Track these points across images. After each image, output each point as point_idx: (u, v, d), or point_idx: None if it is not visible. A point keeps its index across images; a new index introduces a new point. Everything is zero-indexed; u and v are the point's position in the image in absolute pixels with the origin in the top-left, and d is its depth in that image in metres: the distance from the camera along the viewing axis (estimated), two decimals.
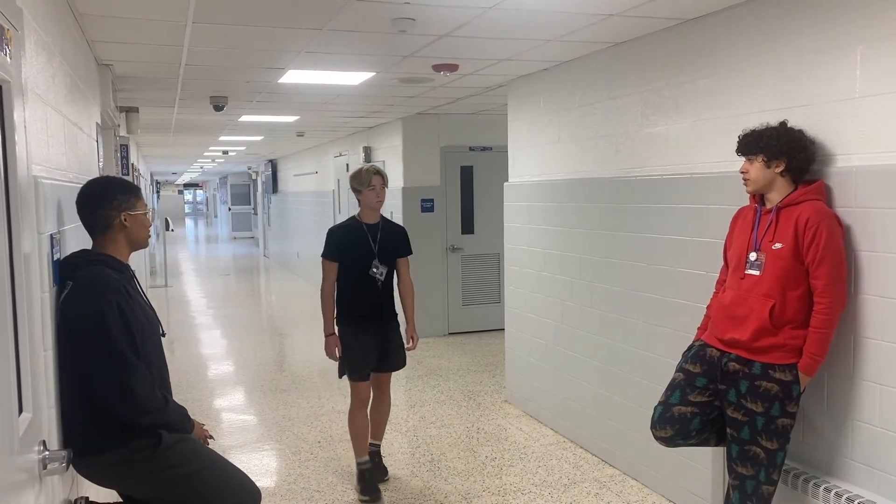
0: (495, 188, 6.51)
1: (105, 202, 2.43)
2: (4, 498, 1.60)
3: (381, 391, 4.32)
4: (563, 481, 4.32)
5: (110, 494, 2.59)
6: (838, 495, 2.82)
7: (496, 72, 5.29)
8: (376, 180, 4.11)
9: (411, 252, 4.32)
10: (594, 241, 4.64)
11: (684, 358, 3.14)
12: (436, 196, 8.35)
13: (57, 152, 2.70)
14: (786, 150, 2.87)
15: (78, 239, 2.66)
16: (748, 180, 2.97)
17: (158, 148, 12.71)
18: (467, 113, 8.00)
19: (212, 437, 2.71)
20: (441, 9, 3.53)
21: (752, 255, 2.94)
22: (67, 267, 2.39)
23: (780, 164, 2.88)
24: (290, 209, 15.66)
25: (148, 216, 2.58)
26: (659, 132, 4.01)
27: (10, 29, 1.83)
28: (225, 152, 14.44)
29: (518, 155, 5.70)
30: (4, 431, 1.62)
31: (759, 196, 3.00)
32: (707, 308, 3.23)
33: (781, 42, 3.17)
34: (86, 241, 2.54)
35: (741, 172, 3.01)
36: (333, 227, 4.30)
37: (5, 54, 1.78)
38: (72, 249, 2.53)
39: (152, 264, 15.36)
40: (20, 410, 1.85)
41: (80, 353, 2.28)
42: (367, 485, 4.12)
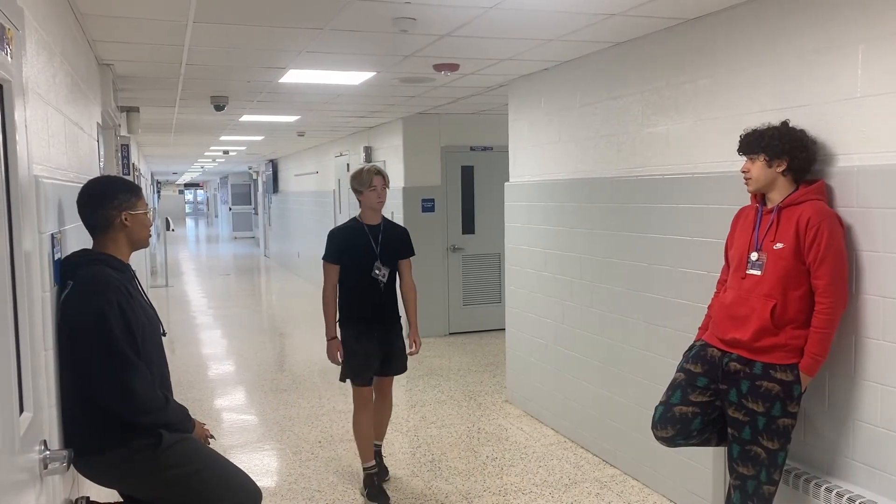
0: (496, 188, 6.50)
1: (106, 201, 2.43)
2: (5, 497, 1.60)
3: (383, 394, 4.28)
4: (563, 481, 4.32)
5: (111, 494, 2.59)
6: (839, 495, 2.82)
7: (497, 71, 5.29)
8: (377, 181, 4.04)
9: (413, 253, 4.26)
10: (595, 240, 4.64)
11: (685, 358, 3.14)
12: (436, 196, 8.34)
13: (58, 152, 2.70)
14: (787, 150, 2.87)
15: (79, 238, 2.65)
16: (749, 179, 2.97)
17: (159, 148, 12.71)
18: (468, 113, 7.99)
19: (213, 436, 2.71)
20: (442, 8, 3.53)
21: (754, 255, 2.93)
22: (68, 266, 2.39)
23: (782, 163, 2.88)
24: (291, 209, 15.66)
25: (149, 216, 2.58)
26: (660, 132, 4.00)
27: (10, 28, 1.83)
28: (225, 152, 14.44)
29: (519, 155, 5.70)
30: (5, 431, 1.62)
31: (761, 196, 3.00)
32: (708, 308, 3.23)
33: (782, 42, 3.17)
34: (86, 240, 2.54)
35: (742, 172, 3.01)
36: (334, 228, 4.24)
37: (6, 54, 1.78)
38: (72, 249, 2.53)
39: (153, 264, 15.35)
40: (21, 410, 1.85)
41: (81, 352, 2.28)
42: (374, 490, 4.09)
